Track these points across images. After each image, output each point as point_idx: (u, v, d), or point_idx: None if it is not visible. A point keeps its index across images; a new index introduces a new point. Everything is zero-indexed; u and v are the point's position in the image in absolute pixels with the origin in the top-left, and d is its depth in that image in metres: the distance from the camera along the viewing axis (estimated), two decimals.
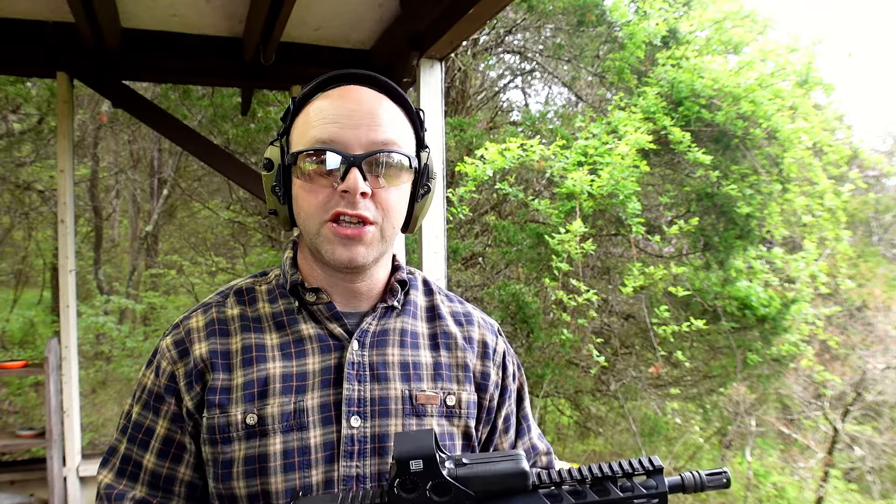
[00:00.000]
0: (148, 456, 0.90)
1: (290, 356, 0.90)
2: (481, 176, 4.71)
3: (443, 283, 3.01)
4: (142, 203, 9.16)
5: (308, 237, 0.90)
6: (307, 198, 0.87)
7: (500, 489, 0.74)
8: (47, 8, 2.79)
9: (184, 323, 0.93)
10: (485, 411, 0.99)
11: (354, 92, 0.90)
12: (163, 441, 0.90)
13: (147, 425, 0.91)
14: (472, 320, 1.04)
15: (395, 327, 0.96)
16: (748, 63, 5.33)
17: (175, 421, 0.90)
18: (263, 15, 2.68)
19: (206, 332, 0.91)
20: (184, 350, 0.91)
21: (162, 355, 0.92)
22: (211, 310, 0.94)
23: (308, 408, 0.87)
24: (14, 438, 3.26)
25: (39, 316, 8.63)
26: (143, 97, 3.46)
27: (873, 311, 6.53)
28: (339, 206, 0.85)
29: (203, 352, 0.90)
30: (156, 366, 0.92)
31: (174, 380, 0.90)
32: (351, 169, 0.84)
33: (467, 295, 6.30)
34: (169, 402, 0.90)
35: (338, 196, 0.85)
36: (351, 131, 0.85)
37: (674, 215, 5.72)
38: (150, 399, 0.91)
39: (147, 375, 0.93)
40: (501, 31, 6.75)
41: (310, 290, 0.92)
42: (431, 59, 2.93)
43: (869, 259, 6.98)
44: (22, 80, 6.30)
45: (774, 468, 6.72)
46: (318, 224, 0.87)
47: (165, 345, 0.92)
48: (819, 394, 6.23)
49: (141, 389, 0.93)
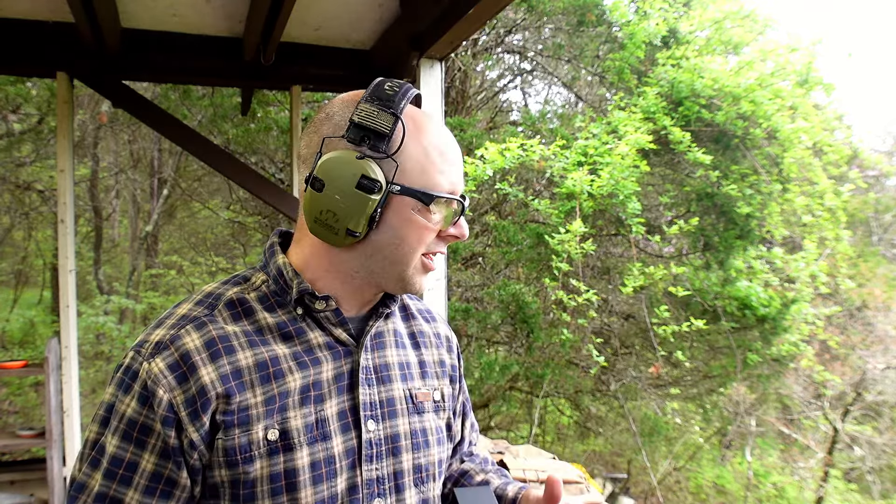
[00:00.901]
0: (131, 493, 0.80)
1: (306, 365, 0.87)
2: (481, 175, 4.71)
3: (443, 283, 3.01)
4: (142, 203, 9.16)
5: (399, 265, 0.88)
6: (421, 235, 0.88)
7: None
8: (47, 8, 2.80)
9: (175, 343, 0.82)
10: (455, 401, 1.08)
11: (442, 126, 0.93)
12: (150, 477, 0.80)
13: (128, 460, 0.80)
14: (434, 317, 1.10)
15: (389, 328, 0.98)
16: (748, 63, 5.33)
17: (165, 456, 0.80)
18: (263, 15, 2.68)
19: (208, 354, 0.82)
20: (182, 375, 0.81)
21: (154, 381, 0.80)
22: (206, 326, 0.84)
23: (329, 416, 0.86)
24: (14, 438, 3.26)
25: (39, 316, 8.63)
26: (143, 97, 3.46)
27: (873, 311, 6.53)
28: (440, 247, 0.91)
29: (213, 378, 0.81)
30: (138, 393, 0.80)
31: (173, 409, 0.80)
32: (461, 216, 0.90)
33: (467, 295, 6.30)
34: (162, 434, 0.80)
35: (440, 237, 0.90)
36: (462, 179, 0.91)
37: (674, 215, 5.72)
38: (131, 431, 0.80)
39: (125, 402, 0.81)
40: (501, 31, 6.75)
41: (321, 299, 0.88)
42: (431, 59, 2.93)
43: (869, 259, 6.98)
44: (22, 80, 6.30)
45: (774, 468, 6.72)
46: (418, 258, 0.89)
47: (158, 369, 0.80)
48: (819, 394, 6.23)
49: (118, 418, 0.81)
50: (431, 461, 0.95)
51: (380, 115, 0.83)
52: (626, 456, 6.79)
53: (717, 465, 7.06)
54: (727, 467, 6.96)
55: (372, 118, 0.83)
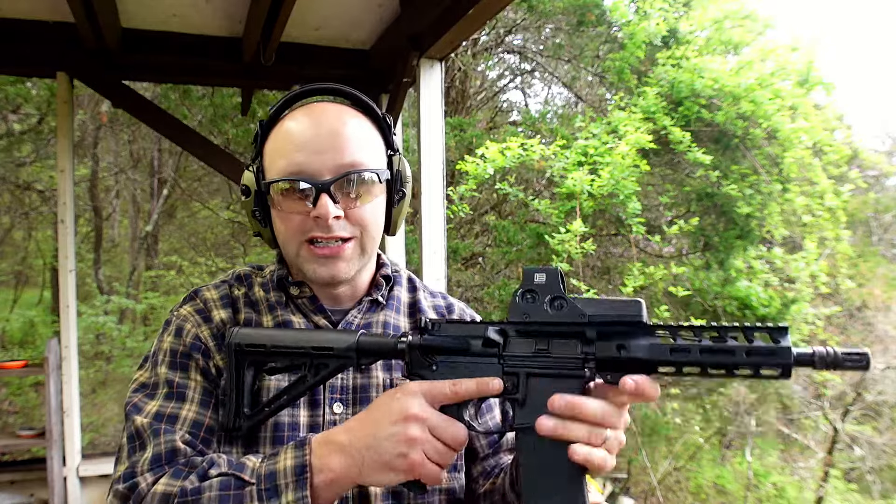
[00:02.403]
0: (188, 406, 0.88)
1: None
2: (482, 174, 4.71)
3: (443, 283, 3.01)
4: (142, 203, 9.16)
5: (289, 258, 0.96)
6: (283, 224, 0.92)
7: (615, 317, 0.73)
8: (47, 8, 2.79)
9: (199, 294, 0.98)
10: None
11: (317, 112, 0.92)
12: (202, 392, 0.90)
13: (179, 381, 0.90)
14: (452, 310, 1.10)
15: (379, 320, 1.00)
16: (748, 63, 5.33)
17: (206, 375, 0.91)
18: (263, 15, 2.68)
19: (221, 303, 0.97)
20: (206, 316, 0.95)
21: (184, 320, 0.94)
22: (222, 286, 1.00)
23: None
24: (14, 438, 3.26)
25: (39, 316, 8.62)
26: (143, 97, 3.46)
27: (873, 311, 6.53)
28: (314, 231, 0.90)
29: (223, 317, 0.95)
30: (175, 329, 0.94)
31: (200, 340, 0.92)
32: (320, 195, 0.88)
33: (467, 295, 6.30)
34: (197, 357, 0.91)
35: (311, 220, 0.89)
36: (317, 157, 0.88)
37: (674, 215, 5.72)
38: (175, 358, 0.92)
39: (165, 339, 0.94)
40: (501, 31, 6.75)
41: (293, 284, 0.97)
42: (431, 59, 2.93)
43: (869, 259, 6.98)
44: (22, 80, 6.30)
45: (774, 468, 6.72)
46: (297, 245, 0.92)
47: (187, 311, 0.95)
48: (819, 394, 6.22)
49: (162, 353, 0.93)
50: None
51: (256, 129, 0.95)
52: (626, 456, 6.79)
53: (717, 465, 7.06)
54: (727, 467, 6.96)
55: (255, 134, 0.96)
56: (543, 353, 0.75)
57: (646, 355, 0.71)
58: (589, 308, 0.74)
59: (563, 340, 0.75)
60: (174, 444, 0.83)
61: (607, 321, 0.73)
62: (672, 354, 0.70)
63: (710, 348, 0.69)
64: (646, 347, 0.71)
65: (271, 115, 0.94)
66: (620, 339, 0.72)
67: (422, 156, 2.97)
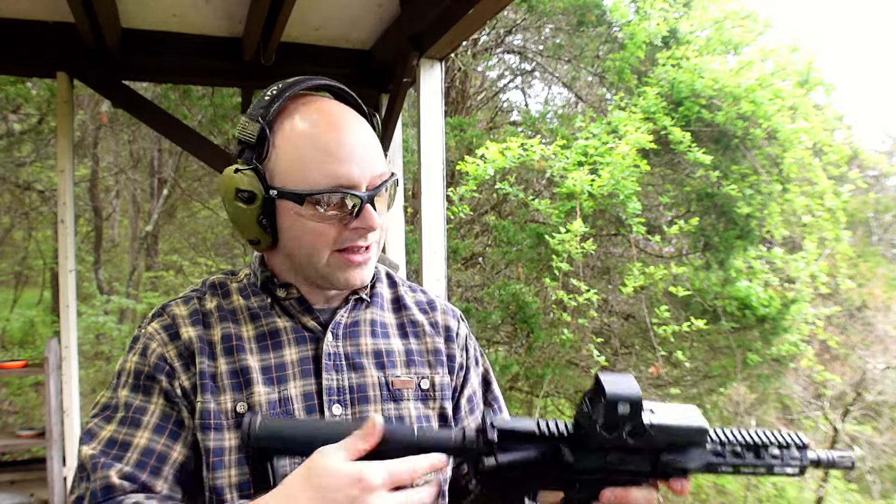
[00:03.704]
0: (140, 433, 0.85)
1: (267, 348, 0.92)
2: (482, 175, 4.71)
3: (443, 283, 3.01)
4: (142, 203, 9.16)
5: (310, 265, 0.91)
6: (311, 234, 0.88)
7: (684, 442, 0.78)
8: (47, 8, 2.79)
9: (167, 310, 0.94)
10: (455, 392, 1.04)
11: (334, 116, 0.90)
12: (160, 416, 0.87)
13: (137, 405, 0.87)
14: (435, 307, 1.08)
15: (366, 318, 1.00)
16: (748, 63, 5.33)
17: (169, 398, 0.87)
18: (263, 15, 2.68)
19: (190, 321, 0.92)
20: (174, 333, 0.91)
21: (150, 338, 0.91)
22: (192, 301, 0.95)
23: (292, 396, 0.90)
24: (14, 438, 3.26)
25: (39, 316, 8.62)
26: (143, 97, 3.46)
27: (873, 311, 6.53)
28: (353, 241, 0.89)
29: (192, 335, 0.91)
30: (141, 349, 0.90)
31: (165, 360, 0.89)
32: (364, 207, 0.87)
33: (467, 295, 6.30)
34: (160, 379, 0.88)
35: (348, 231, 0.88)
36: (357, 168, 0.87)
37: (674, 215, 5.72)
38: (138, 381, 0.88)
39: (130, 360, 0.90)
40: (501, 31, 6.75)
41: (280, 286, 0.95)
42: (431, 59, 2.93)
43: (869, 259, 6.98)
44: (22, 80, 6.30)
45: None
46: (328, 255, 0.90)
47: (153, 329, 0.92)
48: (819, 394, 6.23)
49: (125, 375, 0.90)
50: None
51: (248, 126, 0.89)
52: None
53: None
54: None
55: (243, 130, 0.89)
56: (612, 466, 0.78)
57: (700, 467, 0.79)
58: (662, 434, 0.76)
59: (635, 457, 0.78)
60: (108, 481, 0.81)
61: (676, 443, 0.78)
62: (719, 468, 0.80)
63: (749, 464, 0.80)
64: (701, 463, 0.79)
65: (274, 112, 0.89)
66: (681, 453, 0.78)
67: (422, 156, 2.97)
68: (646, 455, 0.77)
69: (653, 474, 0.79)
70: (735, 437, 0.80)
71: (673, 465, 0.78)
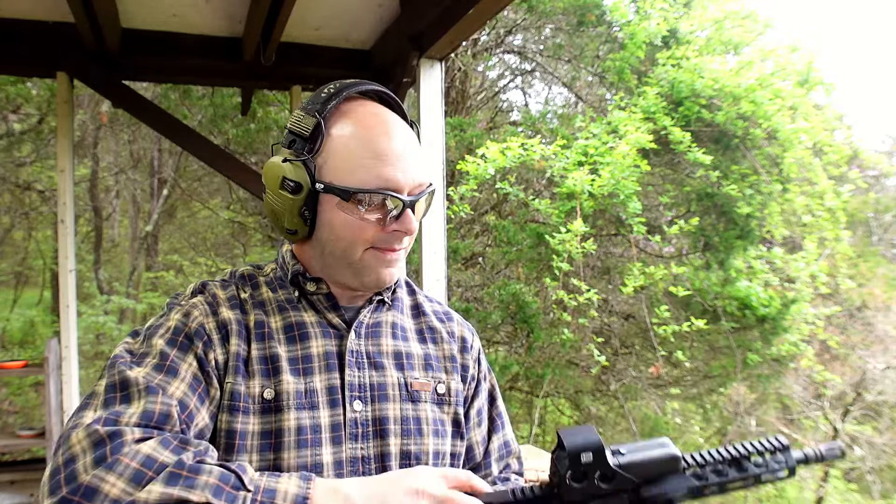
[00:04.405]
0: (176, 384, 0.82)
1: (294, 339, 0.94)
2: (483, 175, 4.71)
3: (443, 283, 3.01)
4: (142, 203, 9.16)
5: (343, 259, 0.93)
6: (350, 230, 0.91)
7: (657, 473, 0.80)
8: (47, 8, 2.79)
9: (208, 288, 0.95)
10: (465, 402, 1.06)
11: (388, 121, 0.93)
12: (193, 377, 0.85)
13: (173, 357, 0.85)
14: (451, 318, 1.11)
15: (387, 320, 1.02)
16: (748, 63, 5.33)
17: (202, 366, 0.86)
18: (263, 15, 2.68)
19: (229, 304, 0.94)
20: (214, 310, 0.92)
21: (193, 306, 0.91)
22: (229, 287, 0.97)
23: (317, 388, 0.91)
24: (14, 438, 3.26)
25: (39, 316, 8.62)
26: (143, 97, 3.46)
27: (873, 311, 6.53)
28: (388, 243, 0.92)
29: (229, 316, 0.92)
30: (185, 311, 0.90)
31: (205, 329, 0.89)
32: (405, 211, 0.90)
33: (467, 295, 6.30)
34: (197, 344, 0.87)
35: (385, 232, 0.91)
36: (402, 174, 0.90)
37: (674, 215, 5.72)
38: (177, 336, 0.87)
39: (172, 318, 0.90)
40: (501, 31, 6.75)
41: (311, 280, 0.96)
42: (431, 59, 2.93)
43: (869, 259, 6.98)
44: (22, 80, 6.30)
45: None
46: (362, 251, 0.92)
47: (197, 300, 0.93)
48: (819, 394, 6.23)
49: (164, 329, 0.88)
50: (424, 450, 0.95)
51: (304, 119, 0.91)
52: None
53: None
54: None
55: (297, 123, 0.92)
56: None
57: (685, 493, 0.81)
58: (632, 471, 0.79)
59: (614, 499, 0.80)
60: (169, 409, 0.78)
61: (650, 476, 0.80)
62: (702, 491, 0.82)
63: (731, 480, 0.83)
64: (683, 489, 0.81)
65: (331, 109, 0.91)
66: (659, 484, 0.81)
67: None
68: (625, 495, 0.79)
69: None
70: (713, 456, 0.82)
71: (655, 498, 0.80)
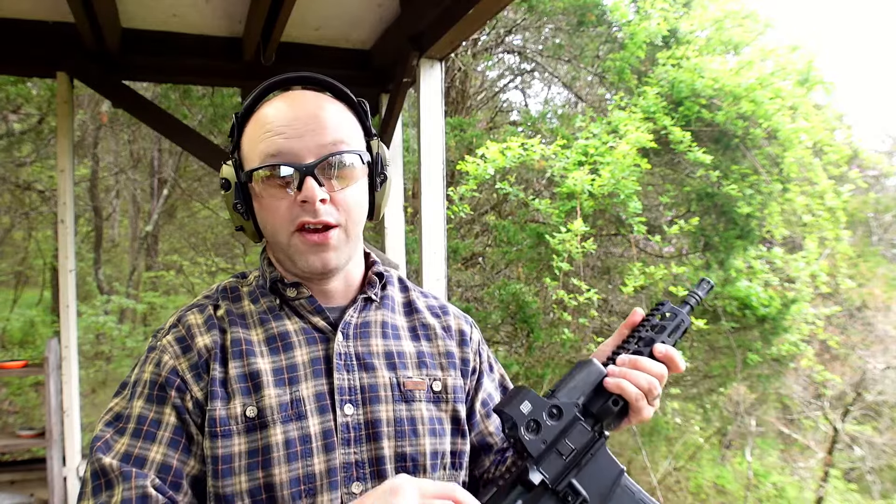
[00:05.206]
0: (156, 448, 0.84)
1: (278, 350, 0.92)
2: (483, 175, 4.71)
3: (443, 282, 3.01)
4: (142, 203, 9.15)
5: (280, 248, 0.93)
6: (270, 212, 0.90)
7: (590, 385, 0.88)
8: (47, 8, 2.79)
9: (182, 321, 0.93)
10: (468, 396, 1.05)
11: (294, 97, 0.92)
12: (173, 430, 0.85)
13: (152, 417, 0.86)
14: (447, 311, 1.08)
15: (377, 319, 0.99)
16: (748, 63, 5.33)
17: (180, 414, 0.86)
18: (263, 15, 2.68)
19: (206, 327, 0.92)
20: (187, 346, 0.90)
21: (163, 351, 0.90)
22: (207, 308, 0.95)
23: (304, 397, 0.89)
24: (14, 438, 3.26)
25: (39, 316, 8.62)
26: (143, 97, 3.46)
27: (873, 311, 6.53)
28: (302, 217, 0.88)
29: (207, 342, 0.90)
30: (156, 359, 0.90)
31: (177, 373, 0.88)
32: (305, 178, 0.86)
33: (467, 295, 6.30)
34: (171, 393, 0.87)
35: (298, 206, 0.88)
36: (298, 140, 0.87)
37: (674, 215, 5.72)
38: (152, 391, 0.87)
39: (146, 370, 0.89)
40: (501, 31, 6.75)
41: (290, 286, 0.95)
42: (431, 59, 2.93)
43: (869, 259, 6.98)
44: (22, 80, 6.30)
45: (774, 468, 6.72)
46: (287, 235, 0.90)
47: (167, 341, 0.91)
48: (819, 394, 6.23)
49: (140, 385, 0.88)
50: (421, 451, 0.92)
51: (233, 119, 0.94)
52: (626, 456, 6.79)
53: (717, 465, 7.06)
54: (727, 467, 6.96)
55: (231, 126, 0.95)
56: (573, 452, 0.84)
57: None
58: (570, 396, 0.86)
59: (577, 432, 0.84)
60: (145, 490, 0.80)
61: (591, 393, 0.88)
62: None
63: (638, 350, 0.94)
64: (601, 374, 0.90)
65: (247, 105, 0.93)
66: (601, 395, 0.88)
67: (422, 156, 2.97)
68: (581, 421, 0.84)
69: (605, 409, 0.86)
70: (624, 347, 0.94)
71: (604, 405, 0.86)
